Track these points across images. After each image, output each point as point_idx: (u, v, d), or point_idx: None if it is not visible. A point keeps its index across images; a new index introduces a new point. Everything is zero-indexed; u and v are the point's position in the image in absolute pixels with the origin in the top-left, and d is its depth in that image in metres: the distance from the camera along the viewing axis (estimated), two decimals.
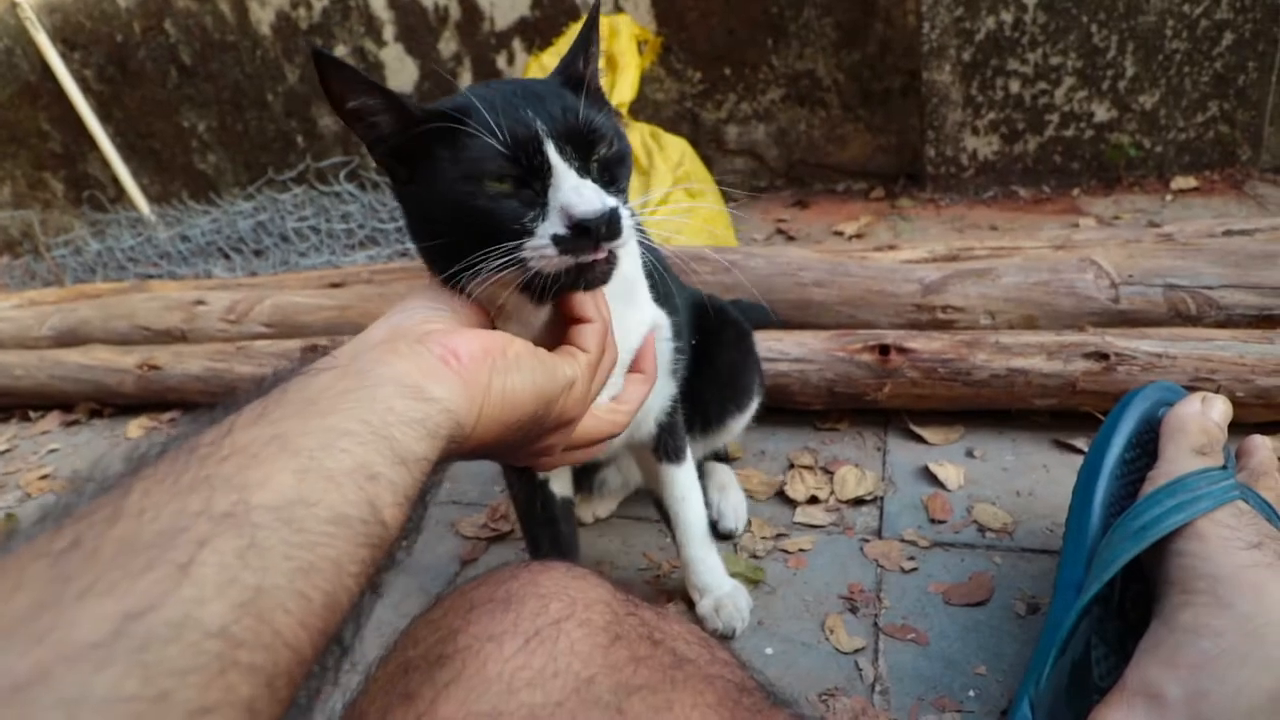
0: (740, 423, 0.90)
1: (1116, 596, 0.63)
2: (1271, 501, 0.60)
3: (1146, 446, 0.68)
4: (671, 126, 2.14)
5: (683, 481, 0.76)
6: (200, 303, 1.57)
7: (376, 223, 2.17)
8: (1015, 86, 1.76)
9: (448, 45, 2.24)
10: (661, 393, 0.71)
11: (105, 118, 2.65)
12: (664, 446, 0.74)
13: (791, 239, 1.85)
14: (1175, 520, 0.57)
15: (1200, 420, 0.63)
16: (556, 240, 0.48)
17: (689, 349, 0.77)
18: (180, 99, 2.56)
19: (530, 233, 0.48)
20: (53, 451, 1.43)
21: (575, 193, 0.48)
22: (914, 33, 1.82)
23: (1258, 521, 0.56)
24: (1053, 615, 0.64)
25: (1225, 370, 0.88)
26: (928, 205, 1.89)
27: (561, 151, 0.49)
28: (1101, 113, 1.74)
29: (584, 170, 0.50)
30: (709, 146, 2.18)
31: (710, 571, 0.78)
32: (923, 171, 1.92)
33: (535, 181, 0.49)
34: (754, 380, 0.91)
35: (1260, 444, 0.65)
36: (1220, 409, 0.65)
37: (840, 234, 1.81)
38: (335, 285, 1.61)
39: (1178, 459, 0.62)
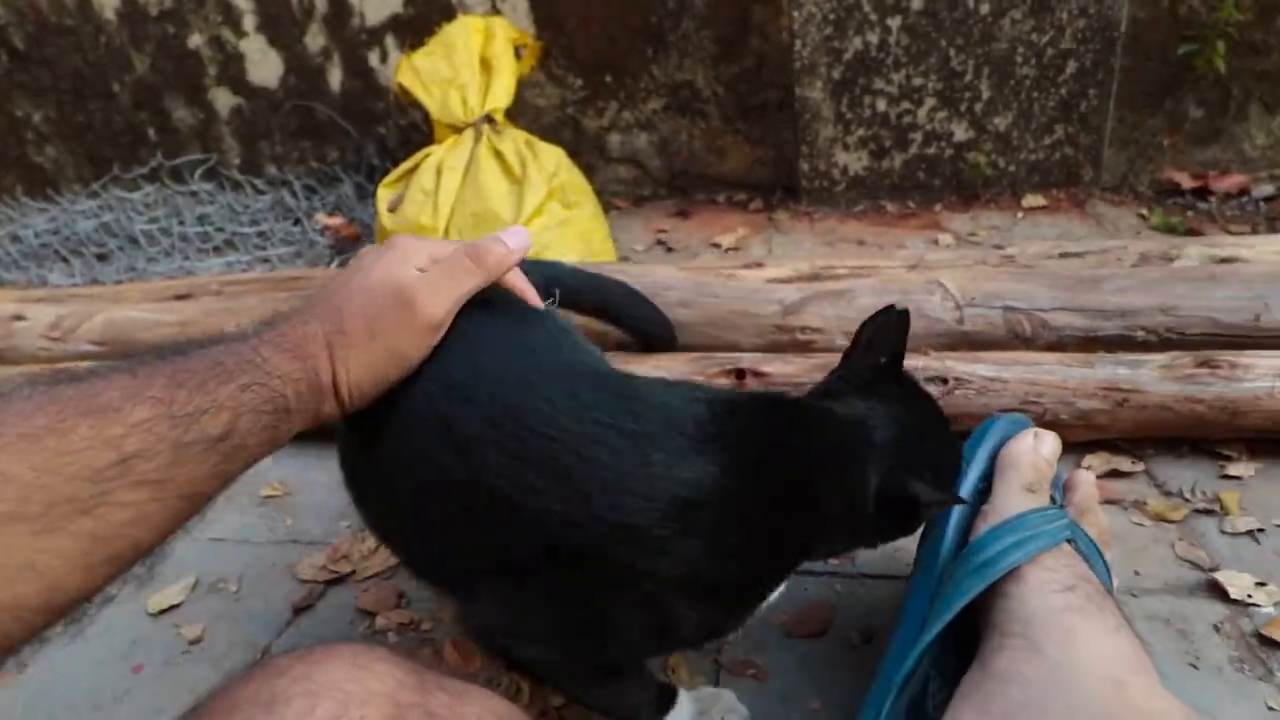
0: None
1: (953, 631, 0.64)
2: (1094, 538, 0.63)
3: (991, 479, 0.70)
4: (553, 133, 2.10)
5: None
6: (19, 318, 1.42)
7: (236, 226, 2.03)
8: (882, 105, 1.82)
9: (315, 39, 2.12)
10: None
11: None
12: None
13: (671, 250, 1.85)
14: (1015, 559, 0.57)
15: (1031, 457, 0.65)
16: None
17: None
18: (11, 86, 2.32)
19: None
20: None
21: None
22: (787, 49, 1.85)
23: (1075, 563, 0.58)
24: (895, 648, 0.64)
25: (1050, 394, 0.93)
26: (802, 218, 1.93)
27: None
28: (960, 132, 1.83)
29: None
30: (592, 154, 2.16)
31: None
32: (798, 185, 1.96)
33: None
34: None
35: (1084, 479, 0.68)
36: (1050, 445, 0.67)
37: (718, 246, 1.82)
38: (181, 298, 1.49)
39: (1009, 496, 0.63)
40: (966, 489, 0.65)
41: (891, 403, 0.61)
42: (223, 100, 2.25)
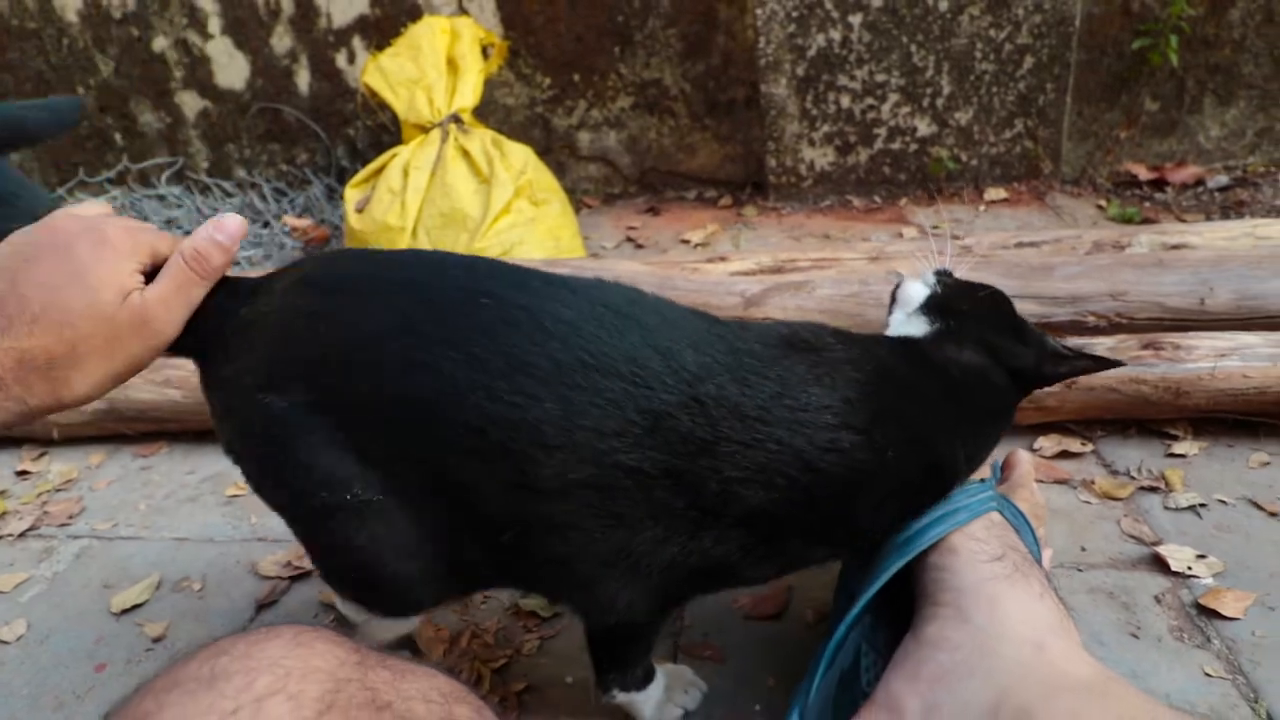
0: None
1: (888, 603, 0.66)
2: (1025, 512, 0.65)
3: None
4: (523, 132, 2.11)
5: None
6: None
7: None
8: (846, 101, 1.85)
9: (281, 41, 2.12)
10: None
11: None
12: None
13: (640, 247, 1.87)
14: (936, 532, 0.59)
15: None
16: None
17: None
18: None
19: None
20: None
21: None
22: (753, 47, 1.87)
23: (1006, 533, 0.60)
24: (830, 622, 0.66)
25: None
26: (770, 214, 1.95)
27: None
28: (923, 127, 1.85)
29: None
30: (562, 153, 2.17)
31: None
32: (766, 181, 1.98)
33: None
34: None
35: (1022, 458, 0.70)
36: None
37: (687, 242, 1.84)
38: None
39: None
40: None
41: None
42: (189, 103, 2.23)
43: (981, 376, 0.62)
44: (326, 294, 0.55)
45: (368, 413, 0.52)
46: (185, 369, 1.07)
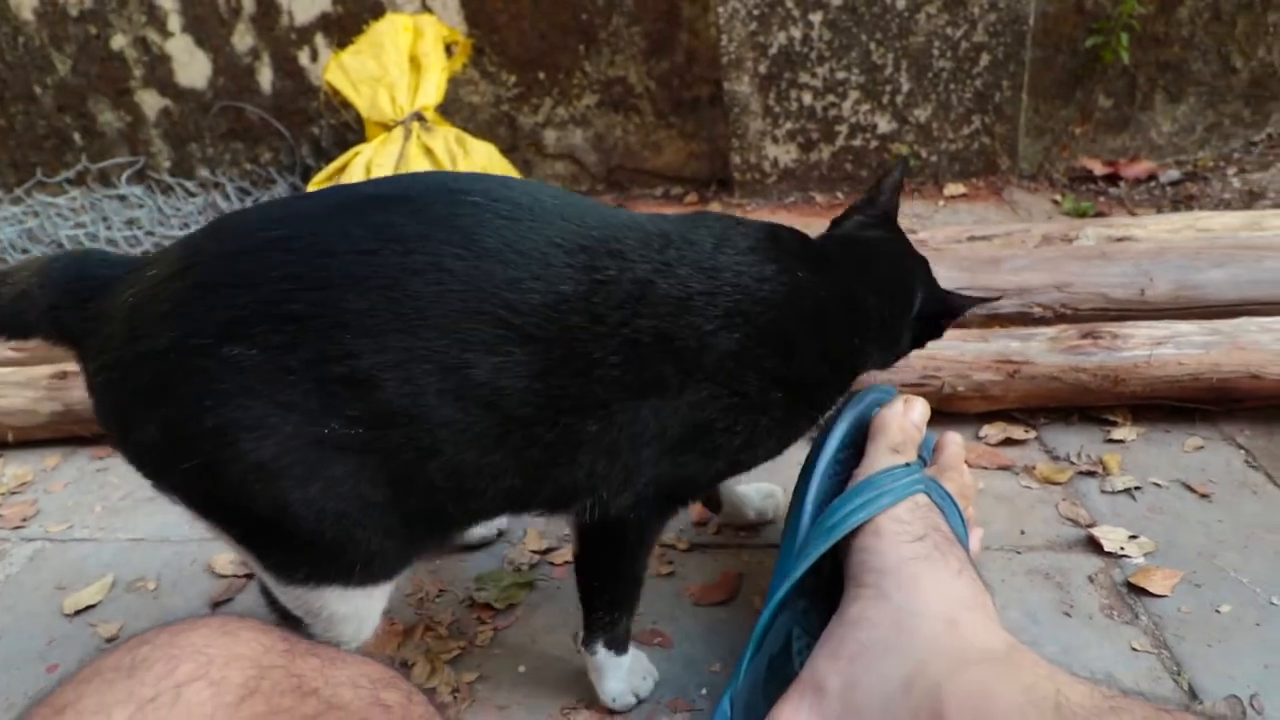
0: None
1: (824, 588, 0.67)
2: (953, 493, 0.67)
3: (862, 446, 0.74)
4: (489, 130, 2.11)
5: None
6: None
7: (166, 230, 2.00)
8: (808, 99, 1.87)
9: (243, 39, 2.10)
10: None
11: None
12: None
13: None
14: (859, 517, 0.61)
15: (899, 420, 0.69)
16: None
17: None
18: None
19: None
20: None
21: None
22: (716, 44, 1.88)
23: (930, 515, 0.62)
24: (764, 609, 0.67)
25: (948, 367, 0.98)
26: (735, 210, 1.97)
27: None
28: (884, 124, 1.88)
29: None
30: (529, 151, 2.17)
31: None
32: (731, 178, 2.00)
33: None
34: None
35: (951, 440, 0.72)
36: (919, 410, 0.71)
37: None
38: None
39: (875, 457, 0.67)
40: (827, 456, 0.69)
41: (905, 239, 0.75)
42: (150, 102, 2.21)
43: (881, 241, 0.72)
44: (257, 234, 0.52)
45: (366, 330, 0.49)
46: None
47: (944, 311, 0.74)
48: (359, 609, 0.61)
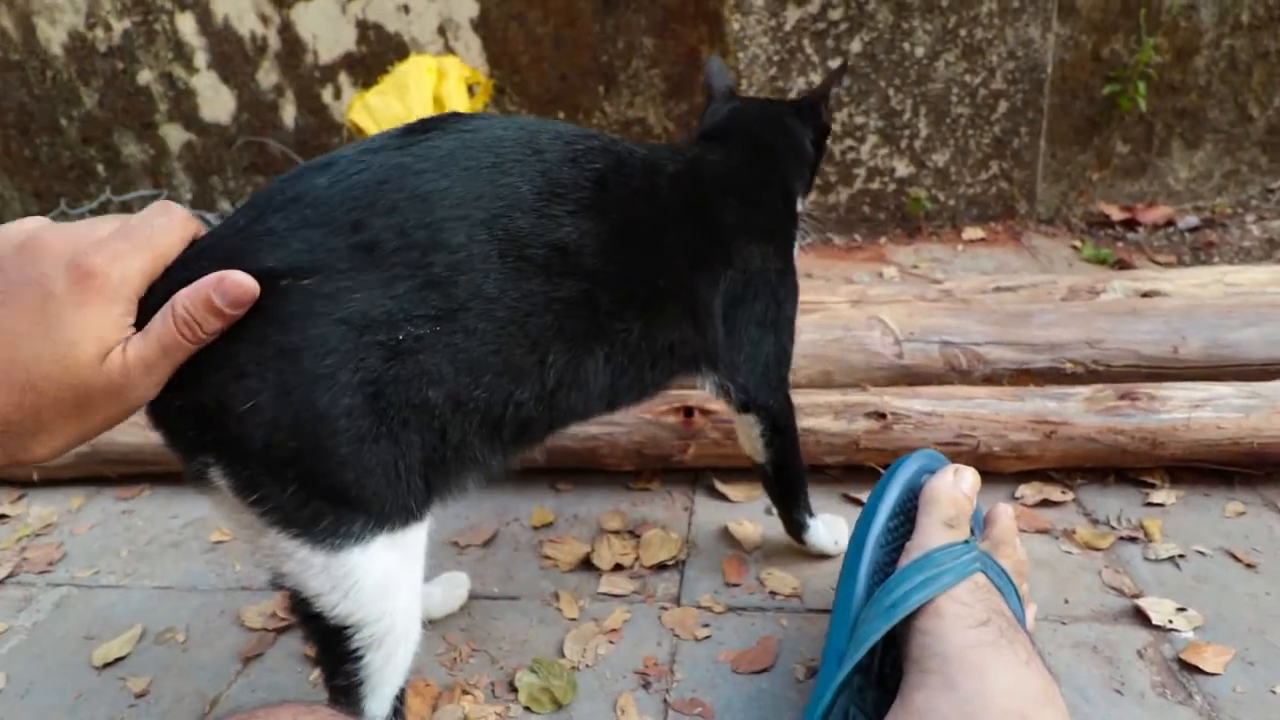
0: None
1: (876, 664, 0.66)
2: (1009, 569, 0.66)
3: (910, 513, 0.73)
4: None
5: None
6: None
7: None
8: (827, 143, 1.88)
9: (268, 76, 2.12)
10: None
11: None
12: None
13: None
14: (920, 597, 0.60)
15: (951, 492, 0.68)
16: None
17: None
18: None
19: None
20: None
21: None
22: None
23: (990, 596, 0.61)
24: (818, 686, 0.66)
25: (983, 426, 0.97)
26: None
27: None
28: (901, 168, 1.89)
29: None
30: None
31: None
32: None
33: None
34: None
35: (1003, 513, 0.71)
36: (970, 480, 0.70)
37: None
38: None
39: (929, 531, 0.66)
40: (879, 525, 0.69)
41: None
42: (174, 136, 2.23)
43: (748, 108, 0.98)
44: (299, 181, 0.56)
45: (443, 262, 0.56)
46: None
47: (814, 111, 0.97)
48: (389, 579, 0.57)
